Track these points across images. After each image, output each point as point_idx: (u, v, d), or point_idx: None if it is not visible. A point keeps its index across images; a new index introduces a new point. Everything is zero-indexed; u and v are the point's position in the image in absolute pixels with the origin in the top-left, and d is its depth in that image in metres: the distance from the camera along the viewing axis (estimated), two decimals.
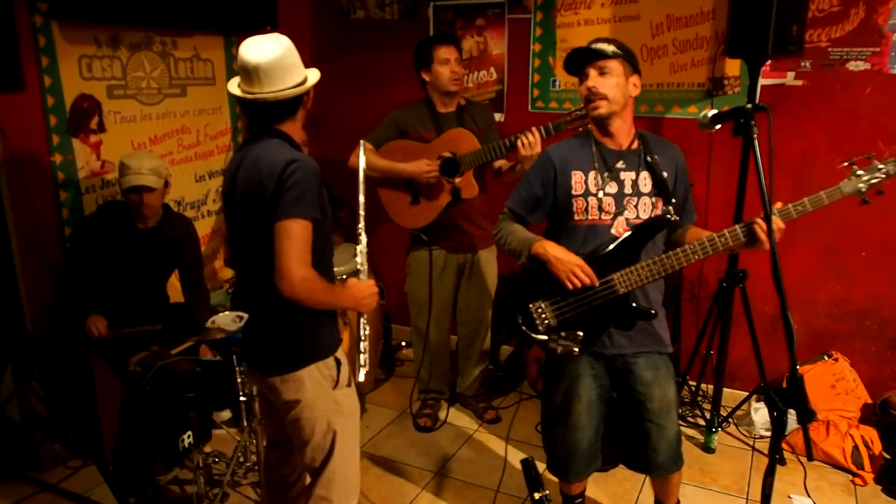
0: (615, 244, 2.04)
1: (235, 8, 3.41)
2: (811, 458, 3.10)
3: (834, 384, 3.17)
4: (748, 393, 3.36)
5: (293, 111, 1.93)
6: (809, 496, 2.86)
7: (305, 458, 2.02)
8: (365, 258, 2.08)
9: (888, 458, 2.94)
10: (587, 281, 2.01)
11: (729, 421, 3.35)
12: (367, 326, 2.07)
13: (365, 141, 3.06)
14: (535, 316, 2.11)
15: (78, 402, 2.90)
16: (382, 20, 3.99)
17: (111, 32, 3.05)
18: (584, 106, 2.71)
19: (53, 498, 2.82)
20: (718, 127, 1.86)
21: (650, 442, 2.12)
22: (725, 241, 1.94)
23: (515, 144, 2.81)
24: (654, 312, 2.05)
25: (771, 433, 1.65)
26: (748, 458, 3.15)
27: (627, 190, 2.07)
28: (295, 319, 1.91)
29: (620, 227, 2.06)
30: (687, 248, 1.97)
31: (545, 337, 2.10)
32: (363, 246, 2.08)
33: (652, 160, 2.07)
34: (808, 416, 1.57)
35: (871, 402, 3.20)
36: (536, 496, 1.65)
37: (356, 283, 2.03)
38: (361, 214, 2.10)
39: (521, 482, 2.44)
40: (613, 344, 2.12)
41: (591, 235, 2.08)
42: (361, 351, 2.05)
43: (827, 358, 3.25)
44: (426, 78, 3.09)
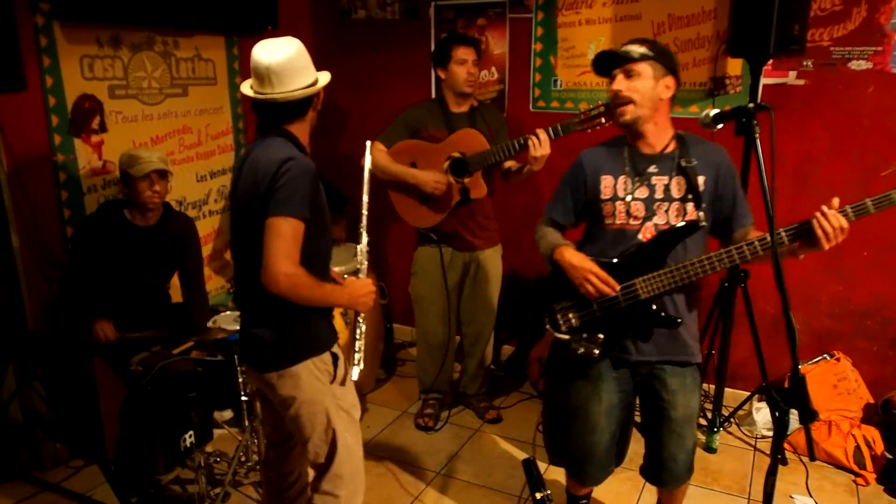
0: (638, 249, 2.02)
1: (237, 8, 3.42)
2: (813, 458, 3.10)
3: (836, 384, 3.17)
4: (750, 393, 3.36)
5: (302, 112, 1.96)
6: (811, 496, 2.86)
7: (309, 454, 2.03)
8: (365, 257, 2.08)
9: (890, 457, 2.93)
10: (602, 287, 1.99)
11: (731, 421, 3.34)
12: (363, 324, 2.07)
13: (377, 141, 3.08)
14: (559, 316, 2.13)
15: (79, 401, 2.90)
16: (383, 20, 3.99)
17: (113, 32, 3.06)
18: (600, 107, 2.72)
19: (55, 497, 2.82)
20: (720, 126, 1.85)
21: (670, 451, 2.10)
22: (754, 249, 1.85)
23: (525, 145, 2.81)
24: (678, 321, 2.01)
25: (773, 433, 1.65)
26: (750, 457, 3.15)
27: (658, 195, 2.02)
28: (288, 315, 1.91)
29: (648, 232, 2.02)
30: (713, 255, 1.90)
31: (567, 337, 2.11)
32: (364, 245, 2.08)
33: (687, 164, 1.99)
34: (809, 416, 1.56)
35: (873, 401, 3.19)
36: (538, 496, 1.65)
37: (353, 281, 2.04)
38: (364, 213, 2.10)
39: (522, 482, 2.44)
40: (639, 351, 2.09)
41: (619, 239, 2.06)
42: (356, 350, 2.05)
43: (829, 358, 3.24)
44: (442, 76, 3.10)
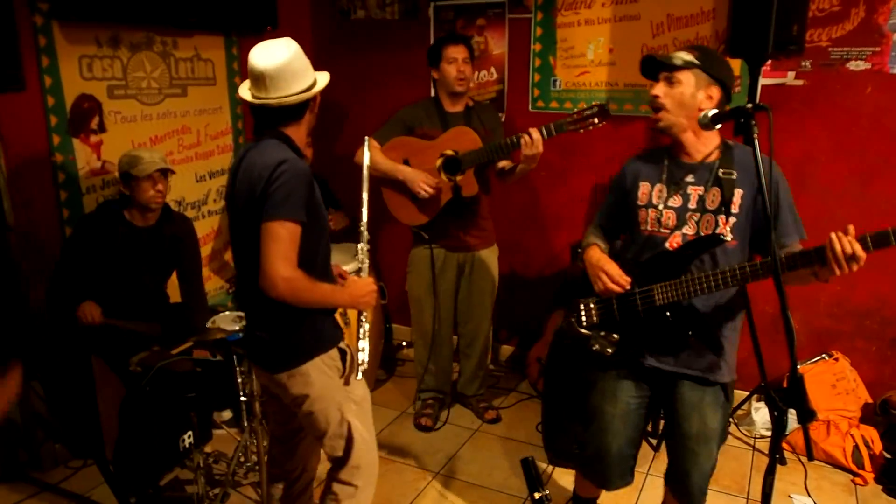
0: (657, 255, 2.03)
1: (236, 8, 3.41)
2: (811, 457, 3.06)
3: (834, 384, 3.17)
4: (749, 393, 3.36)
5: (298, 115, 1.96)
6: (810, 496, 2.86)
7: (325, 447, 2.07)
8: (366, 255, 2.08)
9: (889, 457, 2.94)
10: (610, 284, 2.01)
11: (729, 420, 3.35)
12: (366, 323, 2.07)
13: (371, 138, 3.08)
14: (582, 311, 2.17)
15: (78, 402, 2.90)
16: (383, 20, 3.99)
17: (112, 32, 3.06)
18: (594, 108, 2.74)
19: (54, 498, 2.82)
20: (719, 126, 1.85)
21: (683, 467, 2.09)
22: (755, 269, 1.82)
23: (517, 144, 2.81)
24: (689, 333, 2.00)
25: (771, 433, 1.64)
26: (749, 457, 3.15)
27: (692, 205, 2.00)
28: (293, 316, 1.92)
29: (676, 241, 2.01)
30: (727, 270, 1.87)
31: (588, 332, 2.15)
32: (364, 243, 2.08)
33: (725, 175, 1.95)
34: (808, 415, 1.56)
35: (871, 401, 3.20)
36: (536, 496, 1.65)
37: (355, 280, 2.04)
38: (365, 212, 2.09)
39: (521, 482, 2.44)
40: (655, 358, 2.08)
41: (648, 246, 2.07)
42: (360, 349, 2.06)
43: (827, 357, 3.25)
44: (435, 76, 3.11)
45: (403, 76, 3.94)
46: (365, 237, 2.09)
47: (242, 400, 2.72)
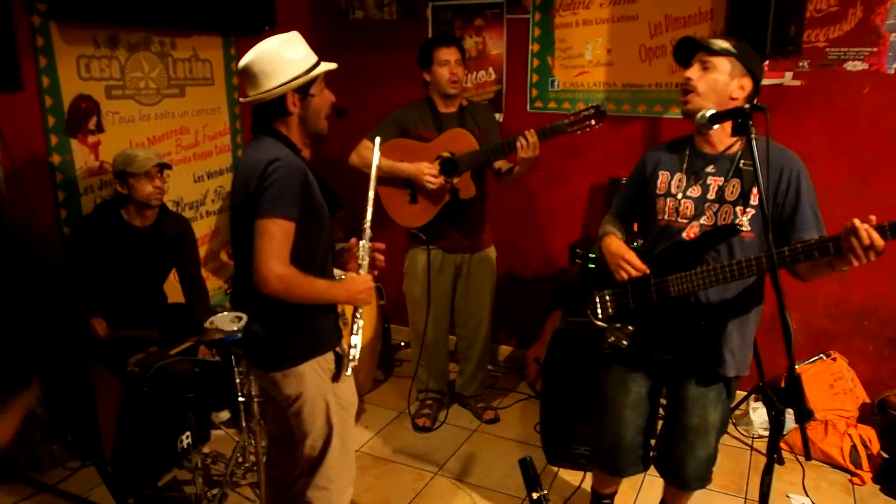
0: (673, 245, 2.02)
1: (234, 8, 3.41)
2: (809, 457, 3.07)
3: (832, 384, 3.17)
4: (746, 392, 3.36)
5: (282, 112, 1.92)
6: (808, 496, 2.87)
7: (306, 448, 2.05)
8: (367, 253, 2.06)
9: (886, 457, 2.94)
10: (632, 271, 2.02)
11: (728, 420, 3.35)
12: (360, 319, 2.05)
13: (365, 139, 3.08)
14: (598, 303, 2.18)
15: (76, 402, 2.89)
16: (381, 20, 3.99)
17: (110, 32, 3.05)
18: (590, 110, 2.74)
19: (52, 499, 2.81)
20: (717, 127, 1.86)
21: (677, 455, 2.12)
22: (760, 262, 1.82)
23: (514, 146, 2.81)
24: (702, 323, 2.00)
25: (769, 433, 1.65)
26: (746, 457, 3.16)
27: (711, 196, 1.99)
28: (292, 315, 1.92)
29: (693, 231, 2.01)
30: (742, 260, 1.87)
31: (604, 324, 2.16)
32: (366, 240, 2.06)
33: (746, 167, 1.94)
34: (806, 415, 1.56)
35: (869, 401, 3.20)
36: (535, 496, 1.65)
37: (353, 277, 2.03)
38: (370, 209, 2.06)
39: (519, 482, 2.44)
40: (669, 350, 2.09)
41: (664, 235, 2.06)
42: (352, 345, 2.03)
43: (825, 357, 3.25)
44: (427, 78, 3.10)
45: (401, 76, 3.94)
46: (367, 235, 2.07)
47: (240, 400, 2.72)
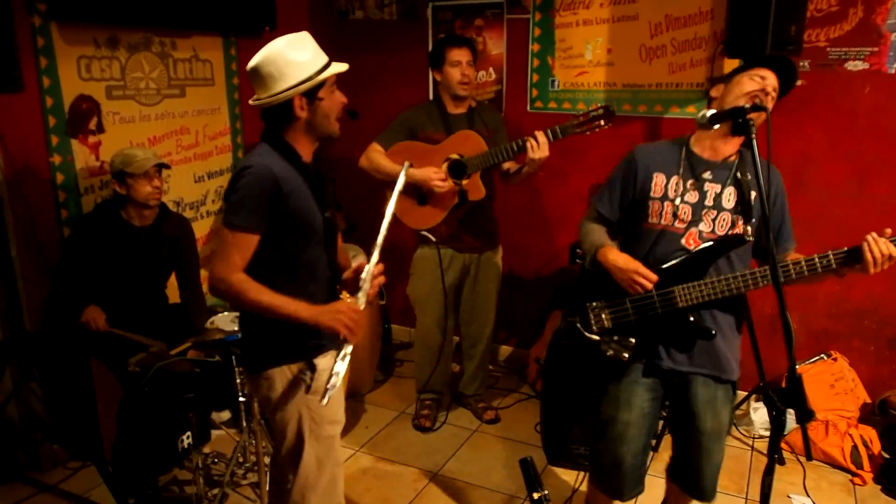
0: (683, 257, 1.98)
1: (234, 9, 3.41)
2: (810, 457, 3.07)
3: (833, 384, 3.17)
4: (747, 393, 3.36)
5: (288, 118, 1.84)
6: (809, 496, 2.87)
7: (281, 456, 2.02)
8: (371, 276, 1.88)
9: (887, 457, 2.94)
10: (649, 285, 1.97)
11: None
12: (348, 346, 1.83)
13: (374, 143, 3.07)
14: (591, 316, 2.11)
15: (77, 402, 2.89)
16: (381, 20, 3.99)
17: (110, 33, 3.05)
18: (599, 110, 2.72)
19: (53, 499, 2.81)
20: (717, 127, 1.85)
21: (695, 461, 2.09)
22: (800, 269, 1.84)
23: (523, 147, 2.80)
24: (712, 332, 1.98)
25: (770, 433, 1.65)
26: (747, 457, 3.16)
27: (708, 202, 1.99)
28: (260, 319, 1.86)
29: (692, 238, 1.99)
30: (756, 271, 1.87)
31: (598, 338, 2.09)
32: (372, 266, 1.88)
33: (743, 178, 1.97)
34: (806, 415, 1.56)
35: (869, 401, 3.20)
36: (535, 496, 1.65)
37: (338, 302, 1.89)
38: (382, 233, 1.89)
39: (520, 482, 2.44)
40: (671, 359, 2.06)
41: (661, 241, 2.03)
42: (334, 373, 1.81)
43: (826, 357, 3.25)
44: (437, 78, 3.09)
45: (402, 77, 3.94)
46: (374, 259, 1.89)
47: (241, 400, 2.72)
